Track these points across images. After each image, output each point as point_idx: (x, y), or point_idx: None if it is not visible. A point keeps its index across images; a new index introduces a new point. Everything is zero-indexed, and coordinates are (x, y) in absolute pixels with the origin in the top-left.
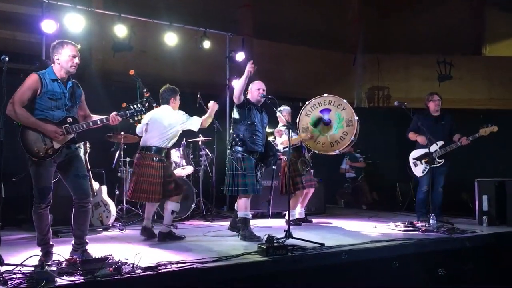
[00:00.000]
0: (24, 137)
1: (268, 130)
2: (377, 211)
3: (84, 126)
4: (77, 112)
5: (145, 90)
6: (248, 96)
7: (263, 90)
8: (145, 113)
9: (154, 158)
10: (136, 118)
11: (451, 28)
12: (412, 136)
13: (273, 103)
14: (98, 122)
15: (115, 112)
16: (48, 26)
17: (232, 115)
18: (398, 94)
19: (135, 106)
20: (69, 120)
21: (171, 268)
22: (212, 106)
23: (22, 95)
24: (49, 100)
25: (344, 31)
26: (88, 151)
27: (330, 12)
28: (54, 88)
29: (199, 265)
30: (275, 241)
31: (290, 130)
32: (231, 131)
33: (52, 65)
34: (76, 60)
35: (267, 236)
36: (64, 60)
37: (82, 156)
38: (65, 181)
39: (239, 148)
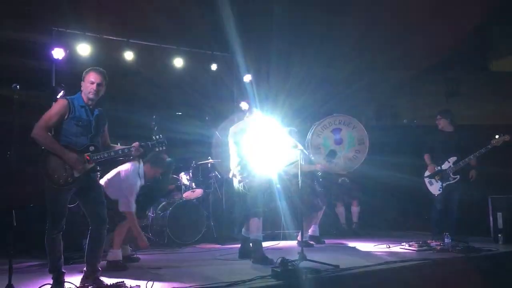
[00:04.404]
0: (46, 162)
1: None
2: (390, 230)
3: (106, 155)
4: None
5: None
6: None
7: None
8: (166, 145)
9: None
10: (157, 149)
11: (456, 45)
12: (426, 159)
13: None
14: (120, 153)
15: (137, 143)
16: (57, 53)
17: (229, 146)
18: (406, 111)
19: (157, 136)
20: (92, 148)
21: None
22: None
23: (49, 120)
24: (75, 126)
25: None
26: (98, 175)
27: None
28: (82, 114)
29: None
30: (289, 264)
31: (301, 154)
32: (230, 162)
33: (81, 91)
34: (94, 87)
35: (281, 259)
36: (84, 86)
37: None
38: (82, 206)
39: (244, 174)
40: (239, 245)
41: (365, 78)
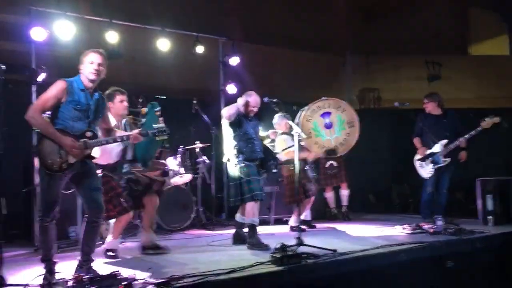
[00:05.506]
0: (40, 147)
1: (261, 134)
2: (377, 214)
3: (103, 142)
4: (99, 124)
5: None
6: None
7: (257, 108)
8: (168, 133)
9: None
10: (158, 138)
11: (437, 29)
12: (416, 143)
13: (278, 107)
14: (118, 140)
15: (137, 131)
16: (37, 34)
17: (223, 130)
18: (389, 95)
19: (158, 125)
20: (89, 134)
21: (184, 282)
22: None
23: (45, 102)
24: (73, 110)
25: (333, 34)
26: None
27: (319, 15)
28: (81, 98)
29: (213, 278)
30: (288, 250)
31: (298, 138)
32: (224, 146)
33: (80, 74)
34: (95, 66)
35: (280, 244)
36: (83, 67)
37: None
38: (78, 193)
39: (240, 158)
40: (228, 231)
41: (348, 62)
